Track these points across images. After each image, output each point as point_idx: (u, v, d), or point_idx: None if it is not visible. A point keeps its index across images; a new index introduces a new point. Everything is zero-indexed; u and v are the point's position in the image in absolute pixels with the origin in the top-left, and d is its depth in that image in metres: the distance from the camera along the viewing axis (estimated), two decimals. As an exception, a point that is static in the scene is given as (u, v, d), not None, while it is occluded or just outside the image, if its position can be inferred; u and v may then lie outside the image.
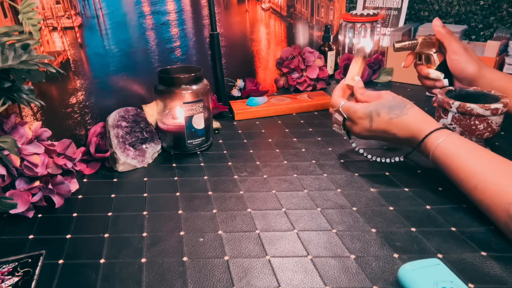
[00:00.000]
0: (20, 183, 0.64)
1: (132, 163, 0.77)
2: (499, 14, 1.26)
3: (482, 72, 0.80)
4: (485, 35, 1.30)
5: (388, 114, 0.66)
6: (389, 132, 0.67)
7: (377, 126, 0.67)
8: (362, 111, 0.69)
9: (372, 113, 0.67)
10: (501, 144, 0.80)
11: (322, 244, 0.55)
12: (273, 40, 1.18)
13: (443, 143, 0.61)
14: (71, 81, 0.77)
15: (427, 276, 0.45)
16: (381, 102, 0.67)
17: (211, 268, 0.51)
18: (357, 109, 0.69)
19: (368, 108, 0.68)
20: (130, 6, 0.83)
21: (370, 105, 0.68)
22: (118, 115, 0.79)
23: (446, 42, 0.81)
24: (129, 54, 0.85)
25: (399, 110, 0.66)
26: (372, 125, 0.68)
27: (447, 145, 0.61)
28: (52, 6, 0.72)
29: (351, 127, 0.72)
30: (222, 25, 1.02)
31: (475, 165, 0.57)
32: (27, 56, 0.56)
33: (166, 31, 0.91)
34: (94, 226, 0.60)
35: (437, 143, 0.61)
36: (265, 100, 1.05)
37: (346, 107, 0.71)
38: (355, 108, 0.70)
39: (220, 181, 0.72)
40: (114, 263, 0.52)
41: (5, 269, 0.51)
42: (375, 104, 0.68)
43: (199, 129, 0.81)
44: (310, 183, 0.70)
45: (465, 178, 0.58)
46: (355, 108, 0.70)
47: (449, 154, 0.60)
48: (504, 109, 0.73)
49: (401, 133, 0.66)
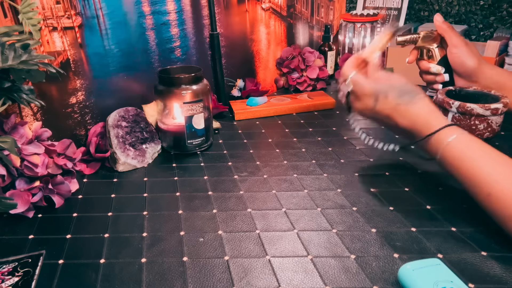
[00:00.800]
0: (20, 183, 0.64)
1: (132, 163, 0.77)
2: (499, 14, 1.26)
3: (482, 67, 0.79)
4: (485, 35, 1.30)
5: (396, 98, 0.60)
6: (391, 119, 0.61)
7: (381, 109, 0.62)
8: (370, 88, 0.63)
9: (379, 93, 0.62)
10: (501, 144, 0.80)
11: (322, 244, 0.55)
12: (273, 40, 1.18)
13: (454, 143, 0.55)
14: (71, 81, 0.77)
15: (427, 276, 0.45)
16: (392, 84, 0.62)
17: (211, 268, 0.51)
18: (365, 85, 0.64)
19: (377, 86, 0.62)
20: (130, 6, 0.83)
21: (380, 84, 0.62)
22: (118, 115, 0.79)
23: (447, 36, 0.81)
24: (129, 54, 0.85)
25: (409, 97, 0.60)
26: (376, 106, 0.62)
27: (458, 145, 0.55)
28: (52, 6, 0.72)
29: (354, 102, 0.66)
30: (222, 25, 1.02)
31: (489, 171, 0.52)
32: (27, 56, 0.56)
33: (166, 31, 0.91)
34: (94, 226, 0.60)
35: (447, 142, 0.56)
36: (265, 100, 1.05)
37: (355, 80, 0.65)
38: (364, 83, 0.64)
39: (220, 181, 0.72)
40: (114, 263, 0.52)
41: (5, 269, 0.51)
42: (386, 84, 0.62)
43: (199, 129, 0.81)
44: (310, 183, 0.70)
45: (477, 185, 0.53)
46: (363, 83, 0.64)
47: (460, 155, 0.55)
48: (504, 109, 0.73)
49: (405, 122, 0.60)
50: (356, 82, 0.65)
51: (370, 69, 0.66)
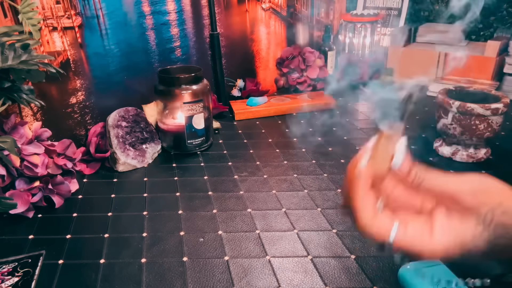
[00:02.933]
0: (20, 183, 0.63)
1: (132, 163, 0.77)
2: (499, 14, 1.26)
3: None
4: (485, 35, 1.30)
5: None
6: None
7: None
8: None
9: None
10: (501, 144, 0.80)
11: (322, 244, 0.55)
12: (273, 40, 1.18)
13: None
14: (71, 81, 0.77)
15: (428, 276, 0.45)
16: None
17: (211, 268, 0.51)
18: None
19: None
20: (130, 6, 0.83)
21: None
22: (118, 115, 0.79)
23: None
24: (129, 54, 0.85)
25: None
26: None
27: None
28: (52, 6, 0.72)
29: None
30: (222, 25, 1.02)
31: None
32: (27, 56, 0.56)
33: (166, 31, 0.91)
34: (94, 226, 0.60)
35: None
36: (265, 100, 1.05)
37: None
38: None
39: (220, 181, 0.72)
40: (114, 263, 0.52)
41: (5, 269, 0.51)
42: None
43: (199, 129, 0.81)
44: (310, 183, 0.70)
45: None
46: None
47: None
48: (504, 109, 0.72)
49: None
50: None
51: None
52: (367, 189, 0.35)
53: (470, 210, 0.33)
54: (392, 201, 0.36)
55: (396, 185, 0.36)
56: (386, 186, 0.36)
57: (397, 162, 0.35)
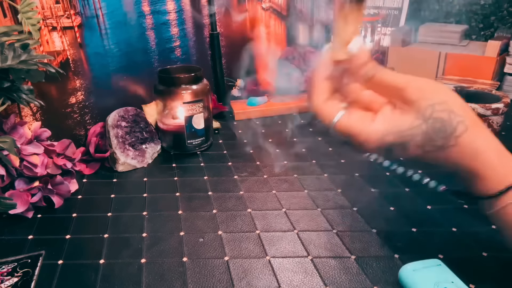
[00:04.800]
0: (20, 183, 0.63)
1: (132, 163, 0.77)
2: (499, 14, 1.26)
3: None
4: (485, 34, 1.30)
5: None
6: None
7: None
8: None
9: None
10: (502, 144, 0.80)
11: (322, 244, 0.55)
12: (273, 40, 1.17)
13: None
14: (70, 81, 0.77)
15: (428, 277, 0.45)
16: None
17: (211, 269, 0.51)
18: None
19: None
20: (130, 5, 0.83)
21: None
22: (117, 115, 0.79)
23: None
24: (129, 54, 0.85)
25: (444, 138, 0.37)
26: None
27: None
28: (52, 6, 0.71)
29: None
30: (222, 25, 1.02)
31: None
32: (26, 56, 0.56)
33: (166, 30, 0.91)
34: (94, 227, 0.60)
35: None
36: (265, 100, 1.04)
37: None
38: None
39: (220, 181, 0.72)
40: (114, 264, 0.52)
41: (5, 269, 0.51)
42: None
43: (199, 129, 0.81)
44: (310, 183, 0.70)
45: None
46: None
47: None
48: (505, 109, 0.72)
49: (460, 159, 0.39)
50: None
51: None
52: (324, 76, 0.41)
53: (413, 103, 0.37)
54: (346, 94, 0.41)
55: (351, 80, 0.39)
56: (343, 80, 0.39)
57: (354, 46, 0.39)
